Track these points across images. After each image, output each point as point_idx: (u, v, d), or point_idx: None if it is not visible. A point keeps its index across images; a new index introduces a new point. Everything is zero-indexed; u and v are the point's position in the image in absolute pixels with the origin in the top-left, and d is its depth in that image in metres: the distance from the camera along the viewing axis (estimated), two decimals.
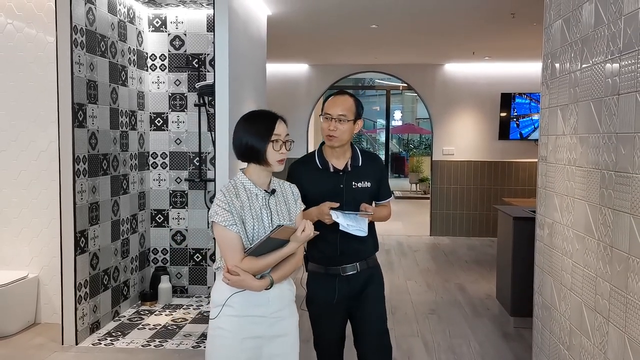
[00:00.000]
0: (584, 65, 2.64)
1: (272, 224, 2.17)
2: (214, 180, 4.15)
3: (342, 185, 2.61)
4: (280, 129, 2.19)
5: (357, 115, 2.61)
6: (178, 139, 5.25)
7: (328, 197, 2.54)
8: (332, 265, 2.65)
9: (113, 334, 4.31)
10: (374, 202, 2.74)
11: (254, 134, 2.14)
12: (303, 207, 2.32)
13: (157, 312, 4.82)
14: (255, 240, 2.12)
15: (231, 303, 2.13)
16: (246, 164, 2.23)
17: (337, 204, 2.51)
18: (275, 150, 2.15)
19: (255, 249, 2.05)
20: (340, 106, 2.58)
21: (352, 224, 2.48)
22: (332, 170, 2.63)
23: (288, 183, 2.36)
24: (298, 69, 9.14)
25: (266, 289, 2.13)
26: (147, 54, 5.19)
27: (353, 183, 2.63)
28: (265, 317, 2.16)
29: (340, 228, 2.48)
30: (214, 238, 2.31)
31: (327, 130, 2.59)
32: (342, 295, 2.64)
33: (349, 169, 2.63)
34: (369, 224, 2.59)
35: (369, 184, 2.65)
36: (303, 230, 2.09)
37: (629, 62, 2.16)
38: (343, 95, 2.64)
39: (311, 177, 2.63)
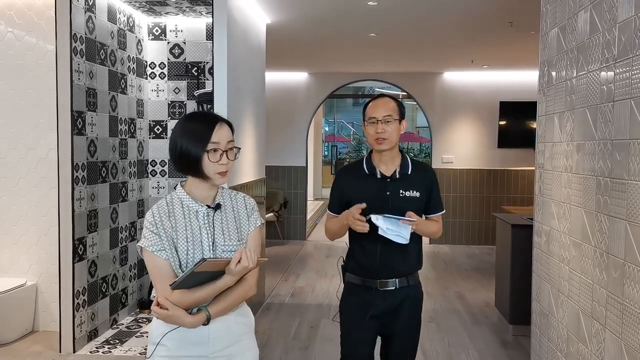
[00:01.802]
0: (579, 73, 2.66)
1: (214, 246, 1.84)
2: None
3: (388, 193, 2.44)
4: (220, 135, 1.79)
5: (402, 115, 2.48)
6: None
7: (372, 204, 2.36)
8: (370, 278, 2.48)
9: (111, 341, 4.30)
10: (423, 215, 2.54)
11: (190, 140, 1.78)
12: (260, 222, 1.97)
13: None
14: (189, 268, 1.79)
15: (165, 341, 1.82)
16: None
17: (364, 205, 2.33)
18: (212, 161, 1.78)
19: (180, 283, 1.71)
20: (383, 107, 2.44)
21: (392, 229, 2.31)
22: (379, 176, 2.47)
23: (242, 195, 2.01)
24: (297, 77, 9.17)
25: (203, 325, 1.80)
26: (146, 62, 5.22)
27: (401, 191, 2.45)
28: (205, 357, 1.84)
29: (379, 232, 2.31)
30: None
31: (374, 134, 2.43)
32: (377, 310, 2.47)
33: (397, 176, 2.47)
34: (414, 236, 2.41)
35: (418, 194, 2.47)
36: (238, 262, 1.72)
37: (624, 69, 2.18)
38: (384, 97, 2.51)
39: (356, 184, 2.50)
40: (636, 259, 2.05)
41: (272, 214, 8.53)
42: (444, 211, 2.62)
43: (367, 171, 2.50)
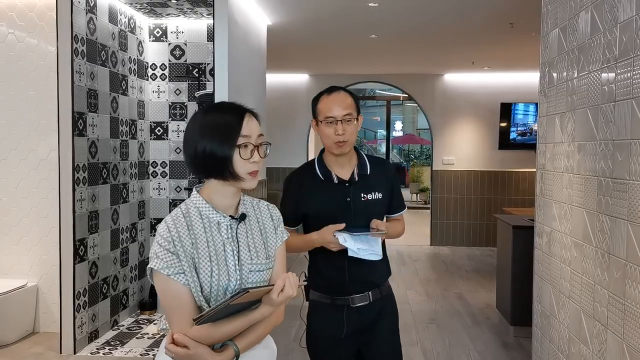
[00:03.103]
0: (580, 73, 2.66)
1: (240, 265, 1.55)
2: None
3: (349, 199, 2.16)
4: (250, 127, 1.52)
5: (359, 110, 2.20)
6: (178, 148, 5.26)
7: (333, 214, 2.12)
8: (340, 295, 2.21)
9: (112, 343, 4.29)
10: (384, 217, 2.31)
11: (214, 136, 1.49)
12: (287, 236, 1.71)
13: (156, 321, 4.80)
14: (214, 296, 1.51)
15: None
16: (204, 180, 1.61)
17: (343, 225, 2.06)
18: (244, 158, 1.50)
19: (208, 318, 1.41)
20: (342, 104, 2.13)
21: (364, 247, 2.04)
22: (336, 181, 2.18)
23: (266, 203, 1.71)
24: (298, 79, 9.17)
25: None
26: (147, 63, 5.22)
27: (362, 195, 2.18)
28: None
29: (350, 254, 2.04)
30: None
31: (333, 136, 2.12)
32: (351, 329, 2.21)
33: (357, 179, 2.19)
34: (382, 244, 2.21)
35: (380, 195, 2.21)
36: (281, 291, 1.46)
37: (625, 69, 2.18)
38: (338, 91, 2.18)
39: (311, 192, 2.20)
40: (638, 260, 2.05)
41: None
42: (406, 209, 2.40)
43: (321, 176, 2.20)
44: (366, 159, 2.25)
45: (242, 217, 1.59)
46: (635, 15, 2.10)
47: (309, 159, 9.72)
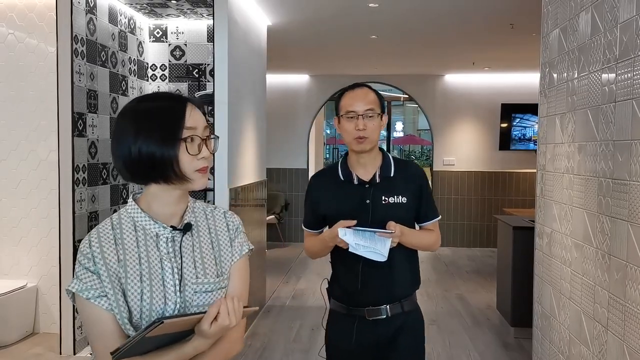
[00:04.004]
0: (581, 74, 2.65)
1: (183, 285, 1.29)
2: (212, 189, 4.16)
3: (368, 201, 2.04)
4: (195, 118, 1.29)
5: (383, 108, 2.10)
6: None
7: (350, 216, 1.98)
8: (355, 305, 2.07)
9: None
10: (416, 225, 2.15)
11: (153, 131, 1.24)
12: (248, 248, 1.44)
13: None
14: (146, 323, 1.25)
15: None
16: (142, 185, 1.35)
17: (354, 222, 1.94)
18: (191, 154, 1.27)
19: (126, 351, 1.15)
20: (364, 100, 2.04)
21: (365, 244, 1.90)
22: (356, 182, 2.07)
23: (223, 210, 1.45)
24: (298, 79, 9.17)
25: None
26: (147, 64, 5.22)
27: (383, 198, 2.04)
28: None
29: (350, 249, 1.92)
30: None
31: (353, 131, 2.03)
32: (364, 344, 2.06)
33: (378, 180, 2.06)
34: (406, 250, 2.06)
35: (404, 200, 2.06)
36: (214, 320, 1.19)
37: (625, 70, 2.17)
38: (362, 87, 2.10)
39: (330, 193, 2.12)
40: (638, 261, 2.04)
41: (273, 216, 8.53)
42: (440, 217, 2.20)
43: (342, 177, 2.11)
44: (391, 161, 2.13)
45: (187, 227, 1.32)
46: (636, 16, 2.10)
47: (310, 161, 9.75)
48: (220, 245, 1.38)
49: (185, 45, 5.21)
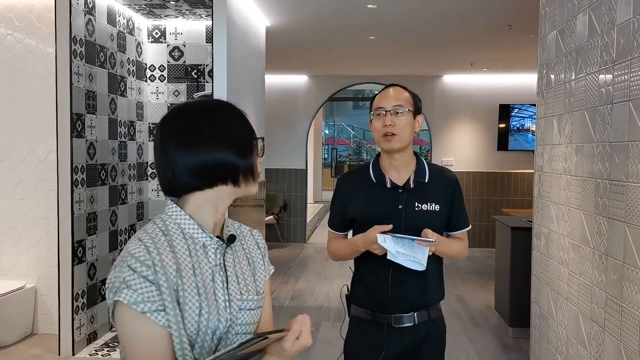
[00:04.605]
0: (578, 75, 2.66)
1: (229, 300, 1.19)
2: None
3: (401, 206, 1.96)
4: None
5: (417, 108, 2.02)
6: None
7: (381, 221, 1.90)
8: (381, 312, 1.99)
9: (110, 344, 4.29)
10: (444, 233, 2.10)
11: (233, 140, 1.19)
12: (272, 270, 1.39)
13: None
14: (200, 343, 1.13)
15: None
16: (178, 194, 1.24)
17: (390, 227, 1.87)
18: (260, 155, 1.25)
19: None
20: (394, 97, 1.98)
21: (405, 252, 1.84)
22: (389, 185, 1.99)
23: (248, 227, 1.39)
24: (297, 80, 9.18)
25: None
26: (146, 64, 5.22)
27: (417, 204, 1.97)
28: None
29: (388, 257, 1.84)
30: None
31: (381, 128, 1.96)
32: (390, 353, 1.99)
33: (412, 185, 1.98)
34: (434, 258, 1.99)
35: (437, 207, 2.00)
36: (297, 339, 1.15)
37: (622, 71, 2.18)
38: (395, 86, 2.04)
39: (360, 195, 2.03)
40: (635, 261, 2.05)
41: (272, 216, 8.53)
42: (470, 227, 2.18)
43: (374, 179, 2.02)
44: (426, 166, 2.05)
45: (231, 239, 1.23)
46: (633, 18, 2.11)
47: (309, 162, 9.74)
48: (254, 262, 1.31)
49: (184, 45, 5.21)
